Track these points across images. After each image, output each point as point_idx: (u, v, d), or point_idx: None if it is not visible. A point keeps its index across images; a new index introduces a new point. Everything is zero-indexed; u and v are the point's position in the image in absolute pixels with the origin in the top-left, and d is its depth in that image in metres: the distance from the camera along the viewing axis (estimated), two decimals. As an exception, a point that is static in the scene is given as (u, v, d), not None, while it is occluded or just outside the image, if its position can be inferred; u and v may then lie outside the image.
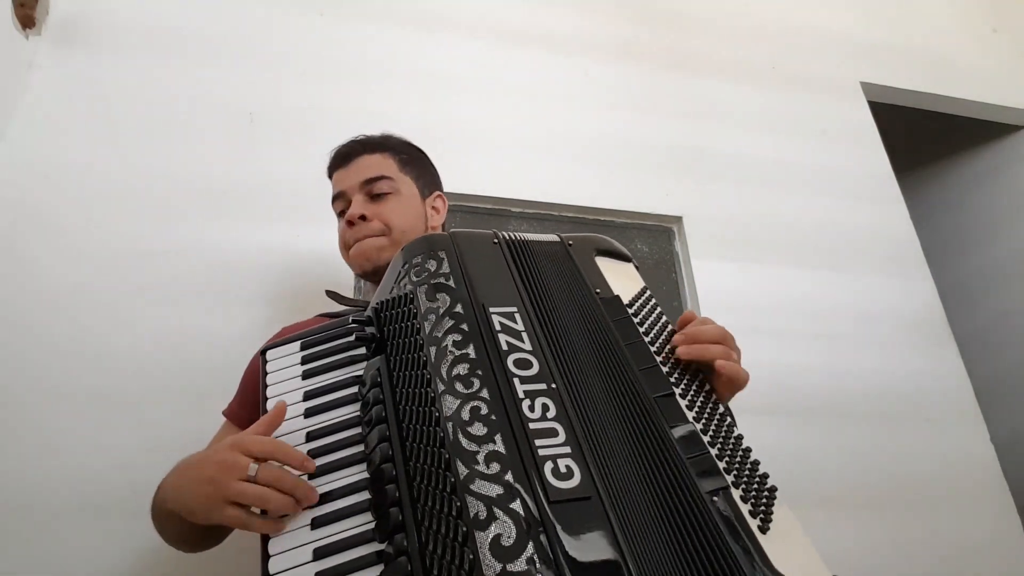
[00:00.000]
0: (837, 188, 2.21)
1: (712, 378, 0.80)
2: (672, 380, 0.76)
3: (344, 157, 1.24)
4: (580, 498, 0.59)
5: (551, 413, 0.65)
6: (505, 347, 0.70)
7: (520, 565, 0.54)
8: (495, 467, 0.60)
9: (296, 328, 1.10)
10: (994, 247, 2.66)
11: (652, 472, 0.67)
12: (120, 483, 1.30)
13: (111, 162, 1.59)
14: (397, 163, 1.24)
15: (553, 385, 0.68)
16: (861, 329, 1.98)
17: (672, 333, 0.84)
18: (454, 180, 1.75)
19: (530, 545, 0.55)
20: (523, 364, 0.69)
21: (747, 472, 0.69)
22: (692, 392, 0.76)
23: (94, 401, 1.37)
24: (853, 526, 1.66)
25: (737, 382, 0.81)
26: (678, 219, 2.01)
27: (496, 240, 0.84)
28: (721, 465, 0.68)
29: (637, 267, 0.96)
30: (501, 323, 0.72)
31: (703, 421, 0.72)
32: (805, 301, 1.96)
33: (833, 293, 2.01)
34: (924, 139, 2.98)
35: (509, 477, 0.59)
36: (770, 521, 0.64)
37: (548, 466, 0.60)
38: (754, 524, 0.64)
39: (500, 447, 0.61)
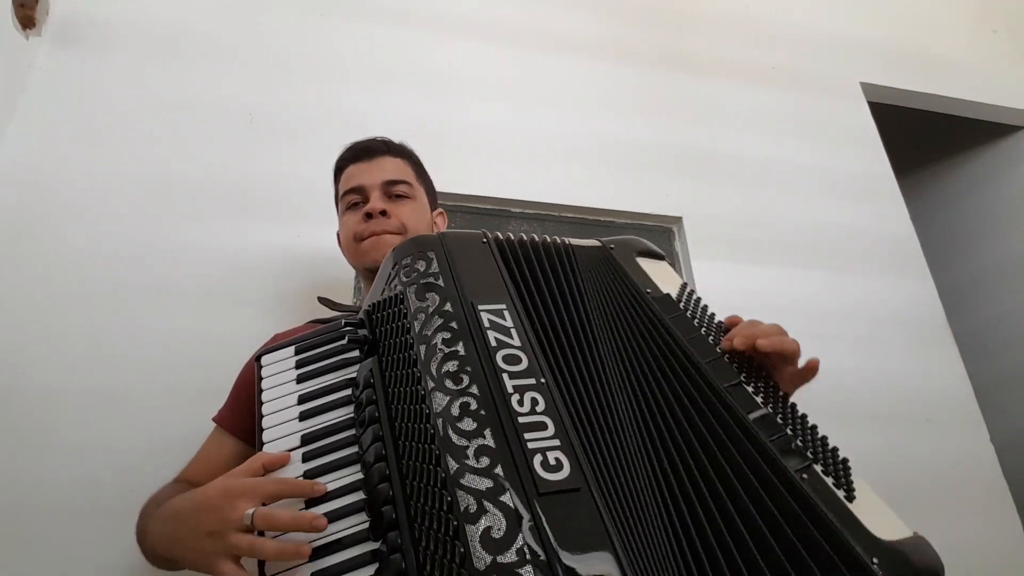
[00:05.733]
0: (837, 188, 2.21)
1: (771, 371, 0.82)
2: (735, 369, 0.77)
3: (367, 152, 1.26)
4: (569, 489, 0.59)
5: (540, 407, 0.65)
6: (494, 343, 0.70)
7: (510, 556, 0.54)
8: (485, 461, 0.60)
9: (288, 335, 1.11)
10: (994, 247, 2.65)
11: (728, 454, 0.68)
12: (120, 483, 1.30)
13: (110, 162, 1.60)
14: (414, 171, 1.28)
15: (542, 380, 0.68)
16: (861, 330, 1.97)
17: (719, 323, 0.86)
18: (454, 181, 1.76)
19: (520, 536, 0.55)
20: (512, 360, 0.69)
21: (820, 448, 0.70)
22: (755, 380, 0.77)
23: (94, 401, 1.37)
24: (853, 526, 1.66)
25: (787, 354, 0.81)
26: (678, 219, 2.01)
27: (485, 240, 0.85)
28: (799, 444, 0.69)
29: (671, 263, 0.98)
30: (490, 320, 0.73)
31: (771, 405, 0.74)
32: (804, 301, 1.96)
33: (832, 293, 2.01)
34: (924, 139, 2.98)
35: (499, 470, 0.59)
36: (853, 490, 0.66)
37: (537, 459, 0.60)
38: (841, 495, 0.65)
39: (490, 441, 0.61)
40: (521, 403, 0.65)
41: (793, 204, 2.14)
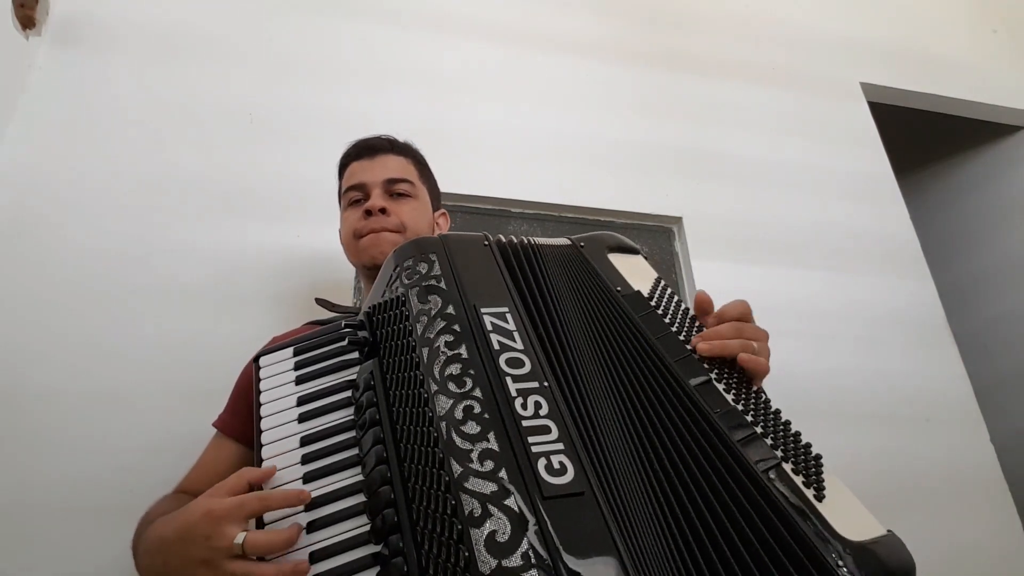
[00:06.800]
0: (837, 188, 2.21)
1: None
2: (706, 367, 0.77)
3: (370, 150, 1.26)
4: (573, 493, 0.59)
5: (544, 411, 0.65)
6: (497, 347, 0.70)
7: (515, 560, 0.54)
8: (489, 465, 0.60)
9: (286, 337, 1.10)
10: (994, 247, 2.65)
11: (699, 457, 0.67)
12: (119, 483, 1.30)
13: (110, 162, 1.59)
14: (417, 171, 1.28)
15: (545, 383, 0.68)
16: (861, 330, 1.97)
17: (693, 318, 0.86)
18: (455, 181, 1.75)
19: (525, 541, 0.55)
20: (515, 363, 0.69)
21: (792, 444, 0.70)
22: (726, 376, 0.77)
23: (94, 401, 1.37)
24: (853, 526, 1.66)
25: (757, 374, 0.80)
26: (678, 219, 2.01)
27: (487, 242, 0.85)
28: (768, 442, 0.69)
29: (646, 257, 0.98)
30: (493, 323, 0.73)
31: (742, 402, 0.73)
32: (804, 302, 1.96)
33: (833, 294, 2.01)
34: (924, 139, 2.98)
35: (503, 474, 0.59)
36: (824, 489, 0.65)
37: (541, 463, 0.60)
38: (810, 494, 0.64)
39: (493, 445, 0.61)
40: (525, 407, 0.65)
41: (793, 204, 2.14)
